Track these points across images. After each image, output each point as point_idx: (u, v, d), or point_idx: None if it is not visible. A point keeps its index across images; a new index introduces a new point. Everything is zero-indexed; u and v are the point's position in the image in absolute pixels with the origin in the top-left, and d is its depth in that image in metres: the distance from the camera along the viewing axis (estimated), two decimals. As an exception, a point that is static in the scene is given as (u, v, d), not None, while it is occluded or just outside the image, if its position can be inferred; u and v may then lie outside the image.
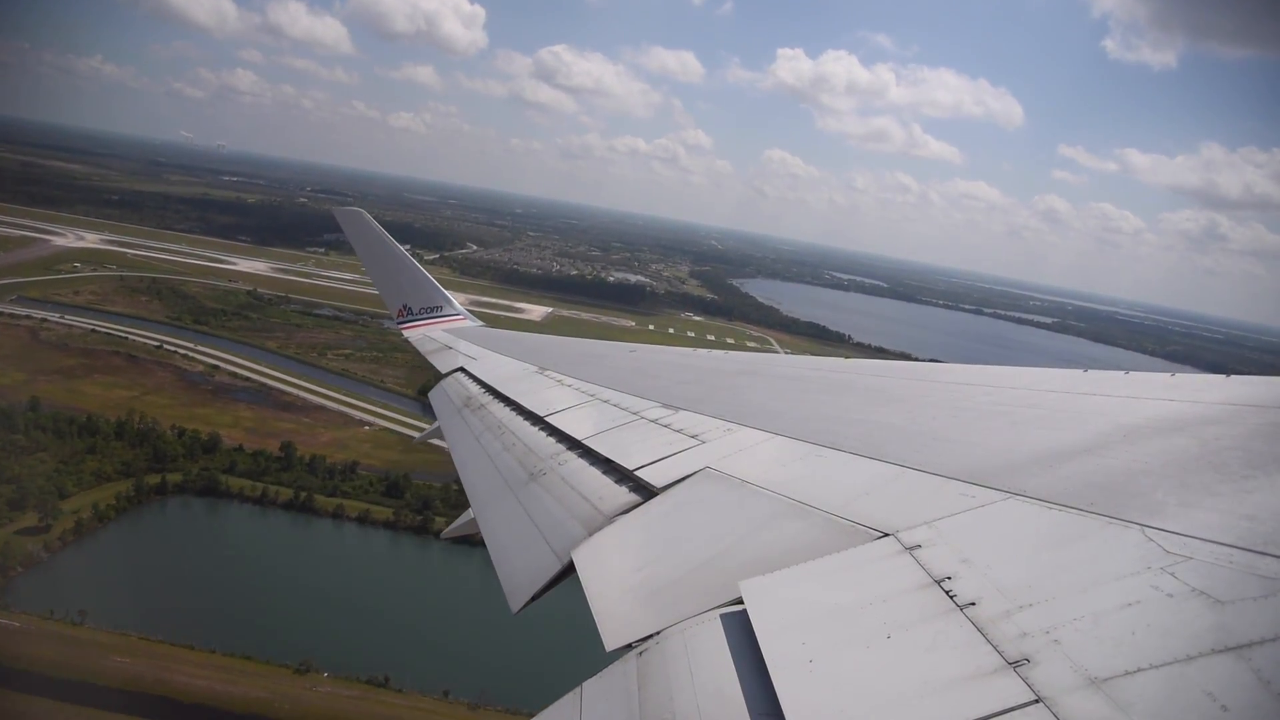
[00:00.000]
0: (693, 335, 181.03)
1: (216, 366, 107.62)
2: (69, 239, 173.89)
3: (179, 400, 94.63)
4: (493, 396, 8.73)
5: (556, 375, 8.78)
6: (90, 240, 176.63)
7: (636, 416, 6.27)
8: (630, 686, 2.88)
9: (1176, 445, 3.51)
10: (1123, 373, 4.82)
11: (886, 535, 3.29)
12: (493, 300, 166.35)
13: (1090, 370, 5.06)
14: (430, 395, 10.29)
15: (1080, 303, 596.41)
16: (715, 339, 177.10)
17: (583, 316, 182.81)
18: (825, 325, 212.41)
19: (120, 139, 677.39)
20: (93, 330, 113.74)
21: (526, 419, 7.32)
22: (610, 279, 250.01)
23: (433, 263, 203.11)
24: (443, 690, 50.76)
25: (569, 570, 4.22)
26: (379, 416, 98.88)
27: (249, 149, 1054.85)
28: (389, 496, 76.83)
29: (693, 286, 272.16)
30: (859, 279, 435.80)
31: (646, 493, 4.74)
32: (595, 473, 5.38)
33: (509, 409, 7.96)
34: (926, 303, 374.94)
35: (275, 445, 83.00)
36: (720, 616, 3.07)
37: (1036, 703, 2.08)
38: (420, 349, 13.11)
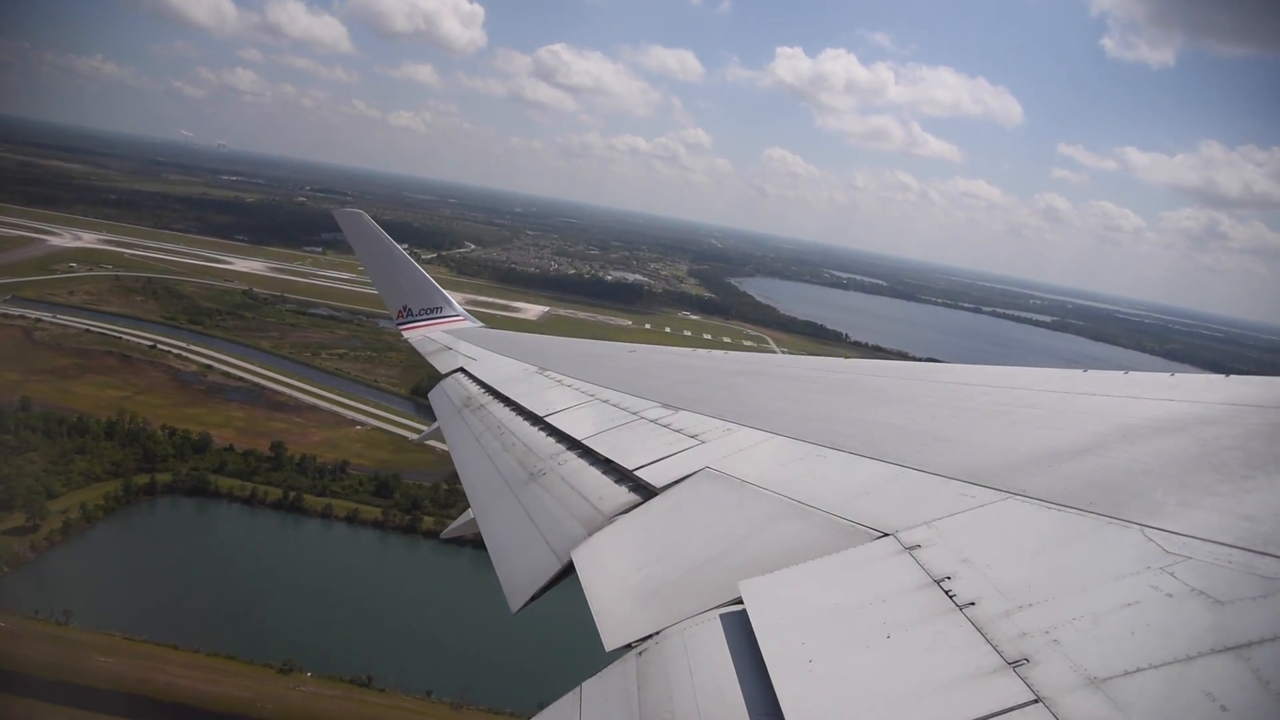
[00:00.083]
0: (689, 334, 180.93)
1: (210, 366, 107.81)
2: (65, 239, 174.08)
3: (171, 400, 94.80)
4: (492, 397, 8.74)
5: (556, 375, 8.79)
6: (87, 240, 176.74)
7: (636, 416, 6.27)
8: (630, 686, 2.87)
9: (1176, 445, 3.52)
10: (1122, 373, 4.83)
11: (886, 535, 3.29)
12: (489, 299, 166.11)
13: (1090, 370, 5.07)
14: (430, 396, 10.33)
15: (1080, 301, 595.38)
16: (712, 338, 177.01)
17: (579, 315, 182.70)
18: (822, 324, 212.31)
19: (120, 138, 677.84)
20: (86, 330, 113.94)
21: (526, 419, 7.33)
22: (608, 278, 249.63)
23: (430, 262, 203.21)
24: (425, 690, 50.89)
25: (568, 570, 4.21)
26: (371, 416, 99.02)
27: (249, 148, 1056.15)
28: (378, 496, 76.85)
29: (691, 285, 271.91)
30: (858, 277, 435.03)
31: (646, 493, 4.73)
32: (595, 473, 5.37)
33: (509, 409, 7.97)
34: (926, 301, 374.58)
35: (266, 445, 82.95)
36: (720, 616, 3.07)
37: (1036, 703, 2.08)
38: (420, 350, 13.14)
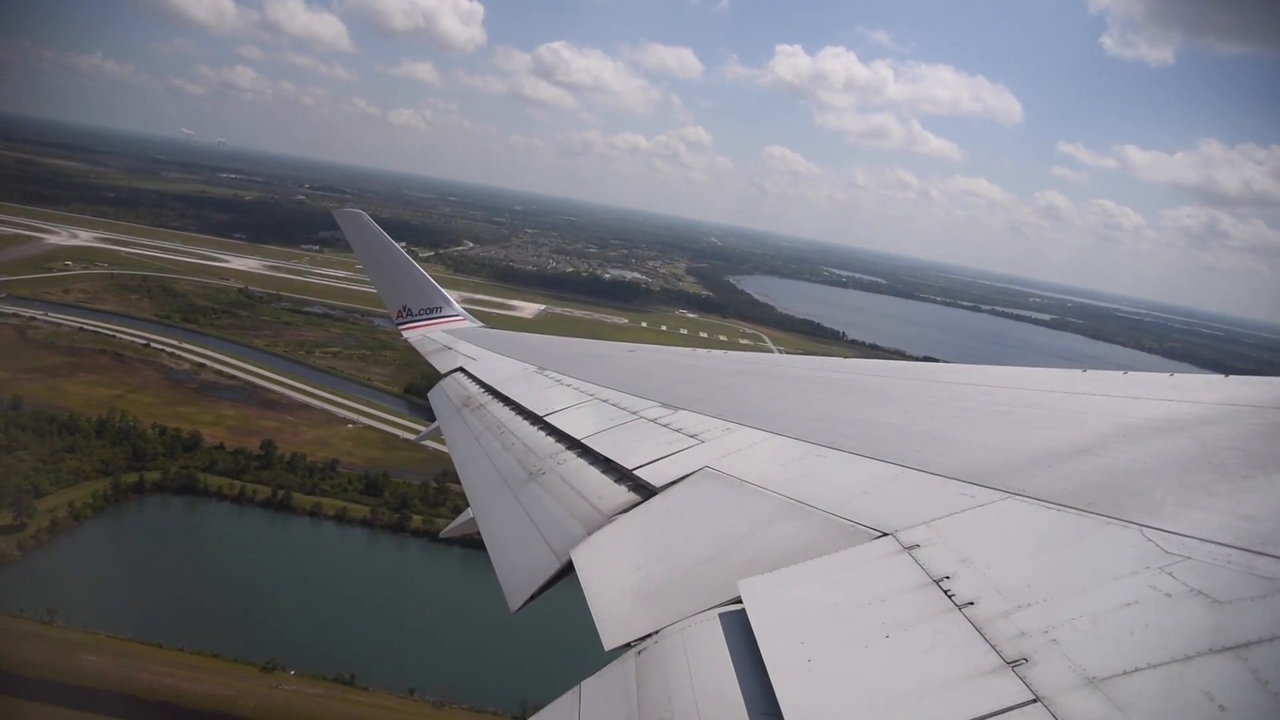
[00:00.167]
0: (685, 332, 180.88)
1: (202, 365, 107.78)
2: (62, 237, 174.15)
3: (163, 399, 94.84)
4: (492, 396, 8.74)
5: (556, 375, 8.79)
6: (83, 238, 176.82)
7: (636, 416, 6.27)
8: (629, 686, 2.87)
9: (1175, 445, 3.52)
10: (1122, 373, 4.83)
11: (885, 535, 3.29)
12: (485, 297, 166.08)
13: (1089, 370, 5.07)
14: (430, 395, 10.33)
15: (1080, 299, 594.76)
16: (708, 336, 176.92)
17: (575, 314, 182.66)
18: (820, 322, 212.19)
19: (121, 136, 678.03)
20: (80, 329, 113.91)
21: (526, 419, 7.34)
22: (606, 276, 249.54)
23: (427, 260, 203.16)
24: (408, 689, 50.96)
25: (568, 569, 4.21)
26: (363, 414, 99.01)
27: (249, 146, 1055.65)
28: (367, 495, 76.85)
29: (689, 283, 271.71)
30: (858, 275, 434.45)
31: (646, 492, 4.74)
32: (594, 472, 5.37)
33: (508, 409, 7.98)
34: (925, 299, 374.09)
35: (257, 444, 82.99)
36: (719, 616, 3.07)
37: (1035, 702, 2.08)
38: (420, 349, 13.17)
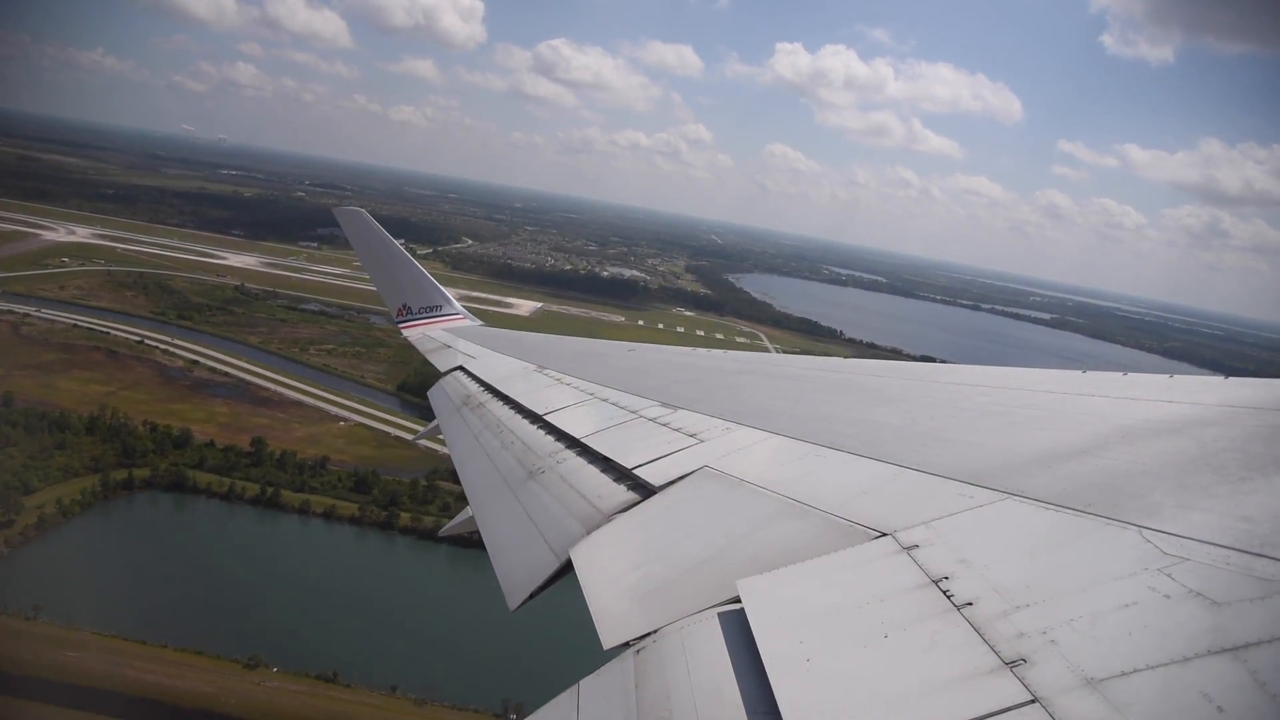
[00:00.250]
0: (681, 330, 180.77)
1: (196, 362, 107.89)
2: (59, 233, 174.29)
3: (155, 396, 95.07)
4: (491, 395, 8.77)
5: (555, 374, 8.78)
6: (81, 235, 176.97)
7: (635, 415, 6.28)
8: (627, 685, 2.87)
9: (1174, 447, 3.53)
10: (1121, 374, 4.85)
11: (884, 535, 3.30)
12: (482, 295, 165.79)
13: (1089, 371, 5.10)
14: (429, 394, 10.36)
15: (1081, 298, 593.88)
16: (704, 334, 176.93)
17: (572, 312, 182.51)
18: (817, 321, 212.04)
19: (122, 132, 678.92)
20: (75, 325, 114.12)
21: (525, 417, 7.34)
22: (604, 274, 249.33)
23: (425, 257, 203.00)
24: (390, 686, 51.10)
25: (567, 568, 4.21)
26: (355, 412, 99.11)
27: (251, 142, 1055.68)
28: (356, 492, 76.84)
29: (687, 281, 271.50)
30: (858, 274, 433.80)
31: (645, 491, 4.75)
32: (594, 471, 5.39)
33: (508, 407, 8.00)
34: (924, 298, 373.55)
35: (248, 441, 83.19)
36: (718, 615, 3.07)
37: (1033, 703, 2.08)
38: (419, 348, 13.21)
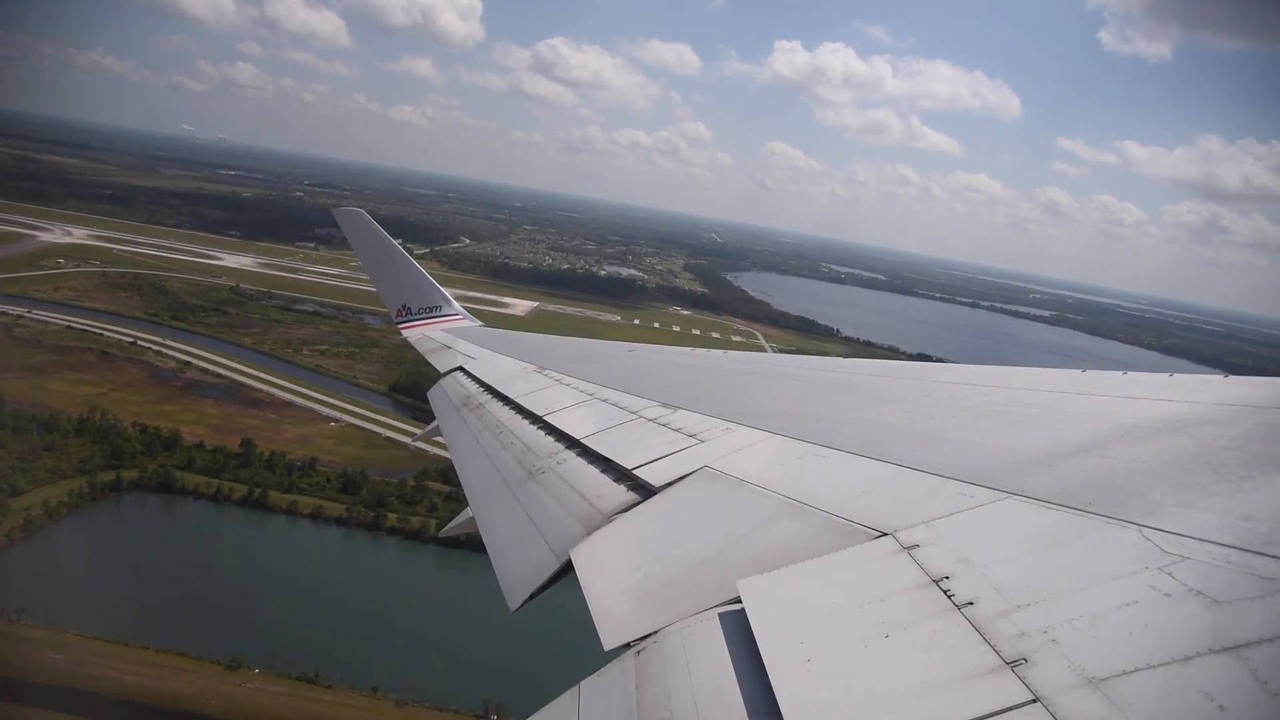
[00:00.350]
0: (678, 329, 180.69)
1: (188, 363, 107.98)
2: (55, 234, 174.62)
3: (146, 397, 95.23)
4: (491, 396, 8.78)
5: (555, 375, 8.80)
6: (77, 236, 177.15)
7: (635, 416, 6.29)
8: (628, 686, 2.88)
9: (1174, 445, 3.54)
10: (1121, 373, 4.85)
11: (885, 535, 3.30)
12: (478, 294, 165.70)
13: (1089, 370, 5.10)
14: (429, 394, 10.35)
15: (1081, 295, 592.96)
16: (700, 333, 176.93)
17: (568, 311, 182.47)
18: (814, 319, 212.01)
19: (122, 132, 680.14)
20: (68, 327, 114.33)
21: (525, 418, 7.35)
22: (602, 273, 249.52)
23: (422, 256, 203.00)
24: (371, 687, 51.17)
25: (567, 569, 4.22)
26: (346, 413, 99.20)
27: (251, 142, 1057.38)
28: (344, 493, 76.93)
29: (685, 280, 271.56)
30: (857, 272, 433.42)
31: (645, 492, 4.75)
32: (594, 471, 5.39)
33: (508, 408, 8.01)
34: (923, 296, 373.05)
35: (238, 442, 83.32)
36: (718, 615, 3.08)
37: (1034, 702, 2.08)
38: (419, 348, 13.21)
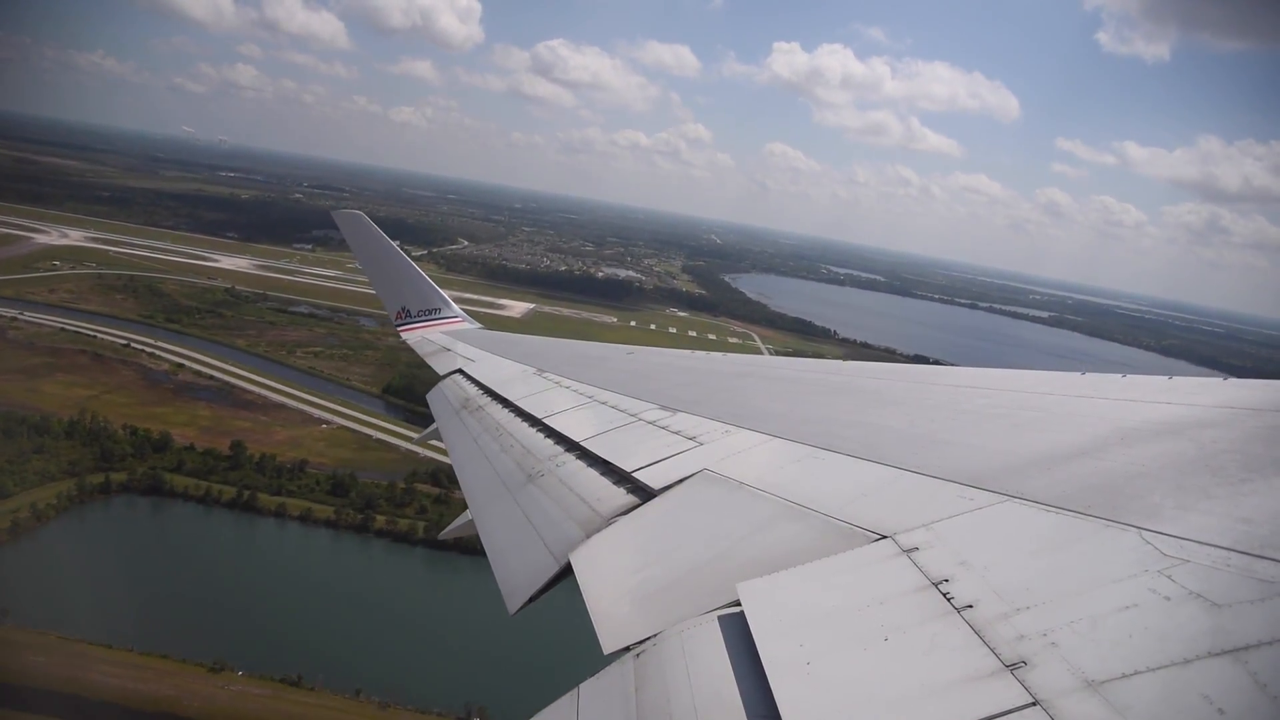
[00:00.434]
0: (674, 331, 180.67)
1: (181, 365, 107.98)
2: (52, 236, 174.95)
3: (138, 399, 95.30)
4: (491, 398, 8.79)
5: (555, 377, 8.83)
6: (74, 237, 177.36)
7: (635, 418, 6.29)
8: (627, 688, 2.88)
9: (1174, 448, 3.53)
10: (1120, 375, 4.85)
11: (884, 537, 3.30)
12: (474, 296, 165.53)
13: (1088, 373, 5.11)
14: (429, 397, 10.33)
15: (1081, 296, 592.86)
16: (697, 335, 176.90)
17: (564, 313, 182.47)
18: (811, 320, 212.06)
19: (122, 134, 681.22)
20: (62, 329, 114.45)
21: (525, 421, 7.36)
22: (599, 275, 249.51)
23: (420, 258, 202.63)
24: (354, 689, 51.16)
25: (566, 572, 4.22)
26: (338, 415, 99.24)
27: (251, 144, 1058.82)
28: (333, 495, 76.94)
29: (683, 281, 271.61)
30: (855, 273, 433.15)
31: (645, 494, 4.75)
32: (593, 474, 5.38)
33: (507, 411, 8.00)
34: (922, 297, 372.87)
35: (228, 444, 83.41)
36: (718, 618, 3.08)
37: (1034, 705, 2.08)
38: (418, 351, 13.23)
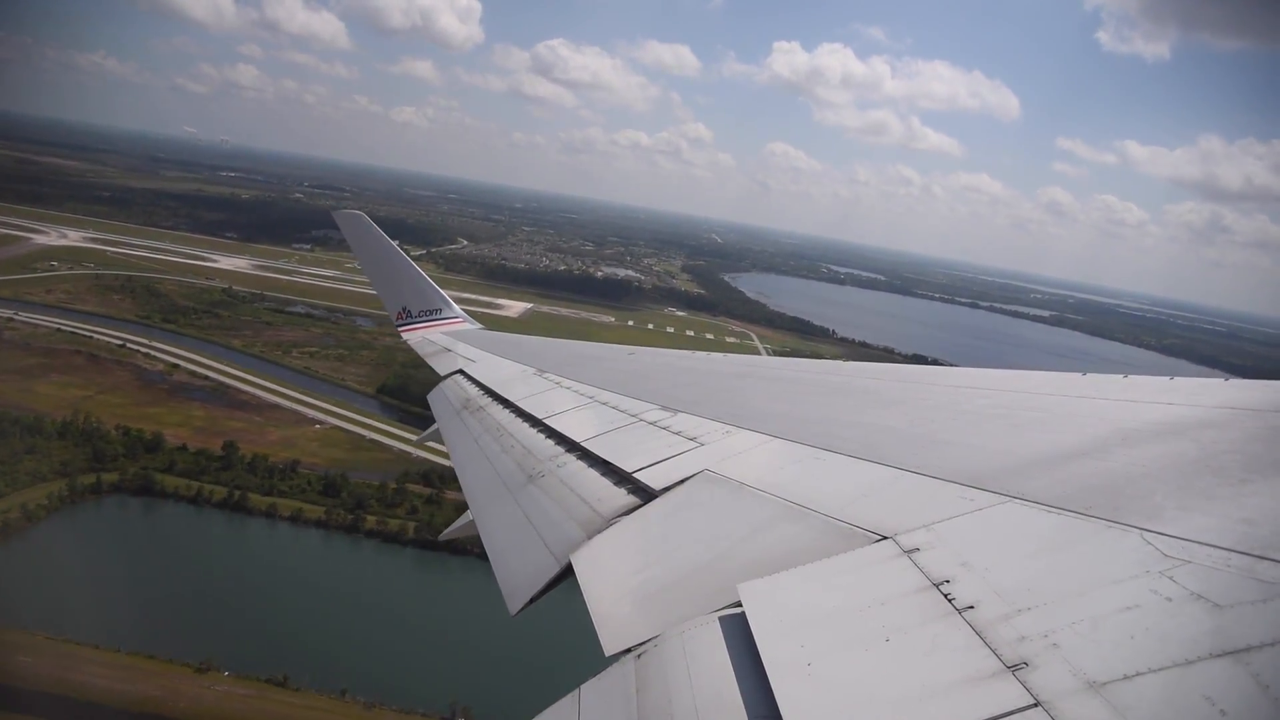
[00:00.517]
0: (671, 331, 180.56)
1: (176, 365, 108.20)
2: (51, 237, 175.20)
3: (132, 400, 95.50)
4: (491, 399, 8.78)
5: (555, 378, 8.82)
6: (72, 238, 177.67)
7: (635, 419, 6.29)
8: (628, 689, 2.89)
9: (1175, 449, 3.53)
10: (1121, 376, 4.85)
11: (885, 538, 3.30)
12: (472, 296, 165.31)
13: (1089, 373, 5.10)
14: (429, 397, 10.35)
15: (1082, 295, 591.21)
16: (695, 334, 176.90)
17: (562, 313, 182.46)
18: (810, 320, 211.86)
19: (124, 134, 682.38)
20: (58, 329, 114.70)
21: (525, 421, 7.35)
22: (599, 274, 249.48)
23: (418, 258, 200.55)
24: (340, 689, 51.28)
25: (567, 572, 4.23)
26: (332, 415, 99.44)
27: (253, 144, 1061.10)
28: (325, 495, 77.06)
29: (683, 281, 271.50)
30: (856, 272, 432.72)
31: (645, 495, 4.76)
32: (594, 475, 5.39)
33: (508, 411, 8.01)
34: (922, 296, 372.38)
35: (221, 444, 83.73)
36: (719, 619, 3.08)
37: (1035, 706, 2.08)
38: (419, 351, 13.24)
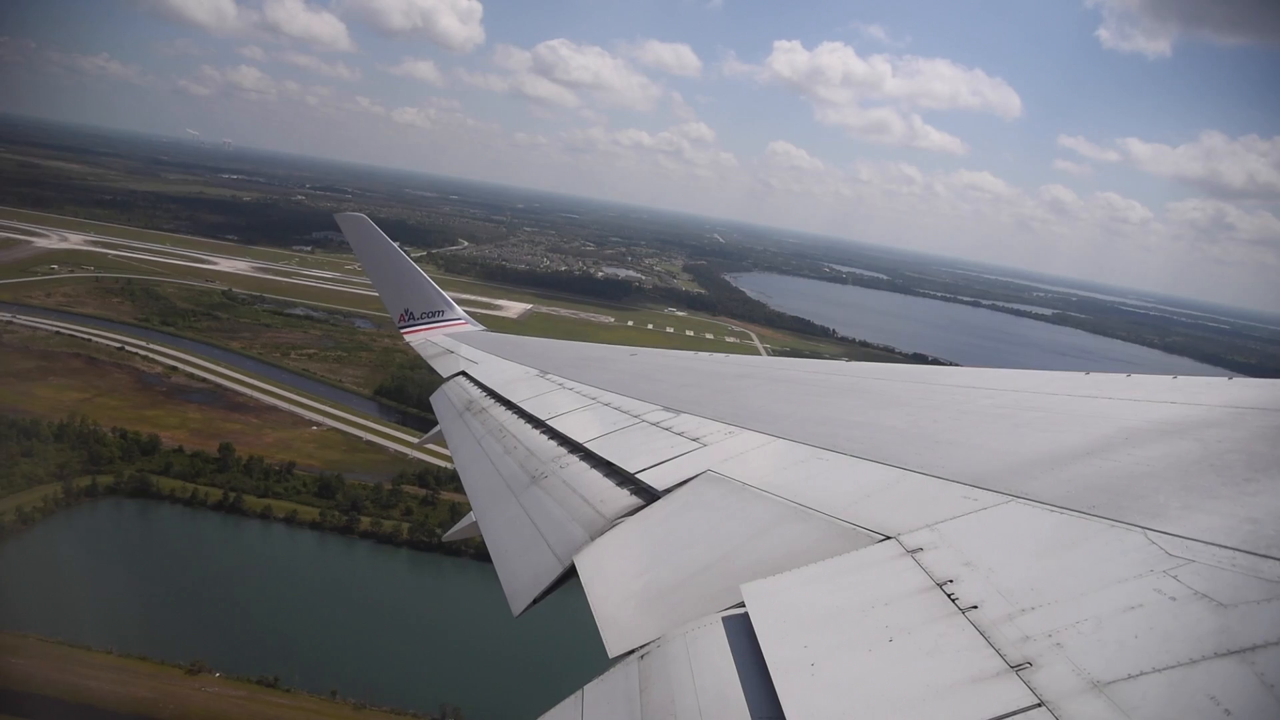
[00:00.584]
0: (671, 331, 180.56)
1: (174, 368, 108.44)
2: (51, 240, 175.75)
3: (130, 402, 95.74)
4: (494, 400, 8.80)
5: (558, 379, 8.84)
6: (73, 241, 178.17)
7: (638, 420, 6.29)
8: (632, 690, 2.89)
9: (1178, 448, 3.52)
10: (1124, 375, 4.84)
11: (888, 538, 3.30)
12: (472, 297, 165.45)
13: (1092, 373, 5.10)
14: (432, 399, 10.42)
15: (1085, 293, 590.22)
16: (694, 334, 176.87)
17: (561, 313, 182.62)
18: (811, 319, 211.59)
19: (126, 137, 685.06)
20: (57, 332, 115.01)
21: (528, 422, 7.39)
22: (599, 275, 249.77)
23: (419, 259, 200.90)
24: (330, 690, 51.32)
25: (570, 573, 4.23)
26: (329, 417, 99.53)
27: (255, 145, 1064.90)
28: (320, 497, 77.15)
29: (683, 281, 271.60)
30: (858, 271, 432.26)
31: (648, 496, 4.76)
32: (597, 476, 5.40)
33: (510, 412, 8.04)
34: (924, 295, 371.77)
35: (217, 447, 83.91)
36: (722, 619, 3.08)
37: (1039, 706, 2.08)
38: (422, 353, 13.27)
